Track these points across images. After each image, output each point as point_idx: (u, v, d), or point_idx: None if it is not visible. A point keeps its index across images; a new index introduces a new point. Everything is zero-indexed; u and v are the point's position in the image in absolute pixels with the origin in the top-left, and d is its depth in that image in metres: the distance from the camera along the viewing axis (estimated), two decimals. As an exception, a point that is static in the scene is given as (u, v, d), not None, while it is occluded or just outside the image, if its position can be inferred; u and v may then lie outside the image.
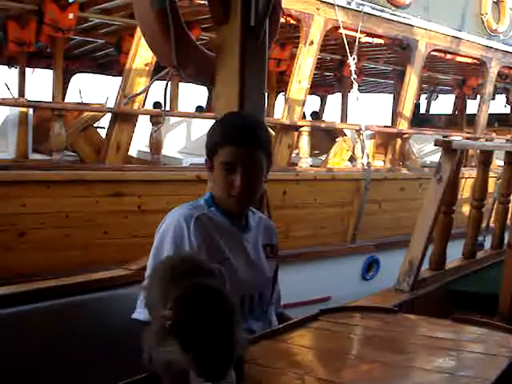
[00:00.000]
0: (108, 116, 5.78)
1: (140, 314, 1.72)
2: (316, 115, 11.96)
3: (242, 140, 1.88)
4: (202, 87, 11.54)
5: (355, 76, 6.55)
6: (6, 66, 10.00)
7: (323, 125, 8.17)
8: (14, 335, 1.73)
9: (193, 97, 11.91)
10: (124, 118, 5.57)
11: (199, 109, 10.96)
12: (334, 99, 12.36)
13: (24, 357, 1.71)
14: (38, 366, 1.71)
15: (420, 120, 11.32)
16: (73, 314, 1.88)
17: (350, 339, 1.75)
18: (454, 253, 4.41)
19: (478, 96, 9.62)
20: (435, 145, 4.09)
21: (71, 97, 10.14)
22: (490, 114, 9.33)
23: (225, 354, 1.14)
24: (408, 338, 1.83)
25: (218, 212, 1.94)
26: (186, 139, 8.03)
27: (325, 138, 8.12)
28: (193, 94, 11.86)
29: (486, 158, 4.62)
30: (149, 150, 6.08)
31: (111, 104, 6.00)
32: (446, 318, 1.92)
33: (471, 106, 11.34)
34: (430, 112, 13.55)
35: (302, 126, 6.56)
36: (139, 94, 5.41)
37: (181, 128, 8.10)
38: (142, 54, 5.53)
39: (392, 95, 11.80)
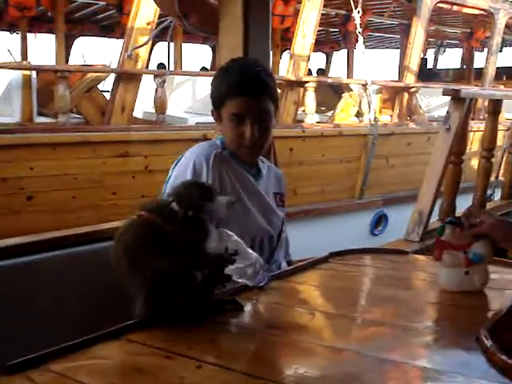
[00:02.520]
0: (112, 80, 5.75)
1: None
2: (322, 72, 11.85)
3: (250, 90, 1.85)
4: (206, 48, 11.43)
5: (360, 30, 6.46)
6: (7, 32, 9.92)
7: (329, 80, 8.08)
8: (26, 284, 1.75)
9: (197, 58, 11.80)
10: (128, 78, 5.52)
11: (203, 70, 10.86)
12: (339, 56, 12.22)
13: (38, 304, 1.73)
14: (50, 313, 1.73)
15: (427, 75, 11.18)
16: (84, 262, 1.89)
17: (360, 278, 1.75)
18: (464, 207, 4.39)
19: (486, 49, 9.48)
20: (444, 94, 4.05)
21: (74, 61, 10.07)
22: (498, 68, 9.19)
23: None
24: (418, 276, 1.83)
25: (232, 157, 1.94)
26: (191, 99, 7.97)
27: (331, 93, 8.04)
28: (197, 55, 11.76)
29: (495, 107, 4.58)
30: (154, 111, 6.05)
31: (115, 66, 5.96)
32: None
33: (479, 60, 11.19)
34: (438, 67, 13.39)
35: (308, 82, 6.49)
36: (143, 46, 5.36)
37: (186, 88, 8.04)
38: (143, 12, 5.46)
39: (398, 50, 11.64)
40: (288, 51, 7.86)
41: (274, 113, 1.94)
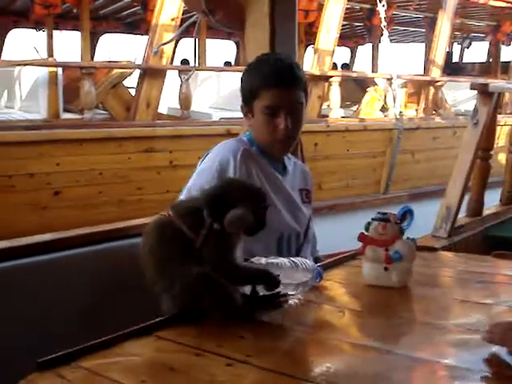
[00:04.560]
0: (137, 77, 5.78)
1: None
2: (347, 67, 11.79)
3: (284, 82, 1.85)
4: (230, 43, 11.43)
5: (385, 24, 6.42)
6: (33, 30, 10.02)
7: (354, 74, 8.04)
8: (58, 279, 1.77)
9: (220, 53, 11.81)
10: (153, 73, 5.55)
11: (227, 64, 10.87)
12: (364, 51, 12.15)
13: (68, 301, 1.75)
14: (79, 310, 1.75)
15: (453, 69, 11.06)
16: (113, 258, 1.91)
17: (388, 275, 1.74)
18: (492, 202, 4.35)
19: (513, 42, 9.37)
20: (471, 88, 4.00)
21: (100, 58, 10.13)
22: (525, 61, 9.08)
23: None
24: (447, 274, 1.82)
25: (259, 152, 1.93)
26: (216, 94, 7.99)
27: (356, 88, 8.01)
28: (220, 50, 11.76)
29: (522, 101, 4.53)
30: (179, 107, 6.07)
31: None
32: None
33: (506, 54, 11.05)
34: (464, 60, 13.24)
35: (332, 77, 6.47)
36: (170, 42, 5.40)
37: (210, 83, 8.06)
38: (167, 9, 5.48)
39: (424, 44, 11.53)
40: (312, 46, 7.84)
41: (305, 105, 1.94)
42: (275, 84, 1.85)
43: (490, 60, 11.91)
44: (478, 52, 13.12)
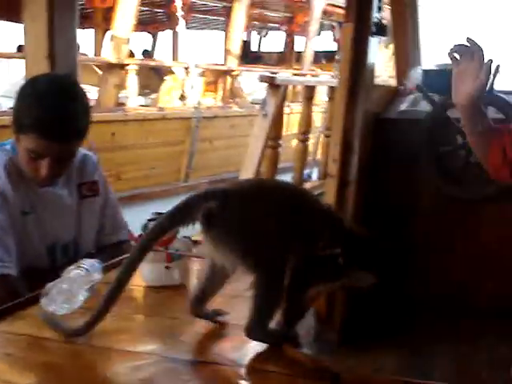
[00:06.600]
0: None
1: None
2: (148, 53, 11.68)
3: (54, 136, 1.67)
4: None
5: (182, 13, 6.45)
6: None
7: (152, 63, 7.99)
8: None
9: (14, 37, 11.12)
10: None
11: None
12: (166, 37, 12.10)
13: None
14: None
15: (251, 58, 11.44)
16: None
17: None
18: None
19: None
20: (260, 81, 4.18)
21: None
22: (317, 52, 9.61)
23: None
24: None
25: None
26: (6, 82, 7.52)
27: (154, 76, 7.97)
28: (14, 34, 11.08)
29: (309, 93, 4.83)
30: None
31: None
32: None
33: (301, 44, 11.63)
34: (262, 50, 13.72)
35: (128, 65, 6.37)
36: None
37: (-1, 70, 7.58)
38: None
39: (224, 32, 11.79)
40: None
41: (81, 143, 1.80)
42: (44, 136, 1.66)
43: (287, 50, 12.49)
44: (275, 42, 13.67)
